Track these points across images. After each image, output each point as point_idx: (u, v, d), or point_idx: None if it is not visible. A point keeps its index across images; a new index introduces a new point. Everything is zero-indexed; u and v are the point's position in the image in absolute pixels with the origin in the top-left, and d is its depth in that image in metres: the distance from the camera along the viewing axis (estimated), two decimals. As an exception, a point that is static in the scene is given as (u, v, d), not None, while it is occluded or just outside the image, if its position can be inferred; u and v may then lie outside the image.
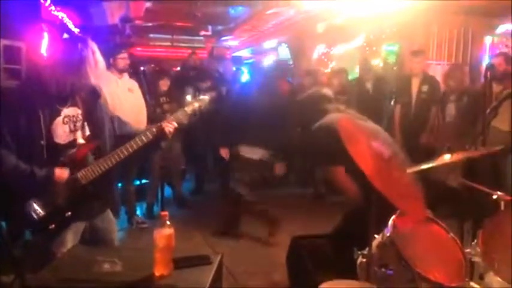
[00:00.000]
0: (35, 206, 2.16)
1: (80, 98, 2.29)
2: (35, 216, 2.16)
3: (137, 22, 9.50)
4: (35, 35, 3.88)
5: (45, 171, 2.15)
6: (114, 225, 2.55)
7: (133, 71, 5.04)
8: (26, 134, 2.13)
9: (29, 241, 2.39)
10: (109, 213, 2.50)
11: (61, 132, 2.22)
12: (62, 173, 2.19)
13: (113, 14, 8.12)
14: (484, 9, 6.17)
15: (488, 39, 6.91)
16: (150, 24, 10.53)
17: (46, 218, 2.18)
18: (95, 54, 2.21)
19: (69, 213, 2.22)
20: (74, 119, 2.27)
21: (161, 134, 2.41)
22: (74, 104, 2.28)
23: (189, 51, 7.80)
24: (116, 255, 2.07)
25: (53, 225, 2.19)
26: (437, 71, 6.71)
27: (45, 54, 2.38)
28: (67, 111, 2.25)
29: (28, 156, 2.14)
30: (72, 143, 2.27)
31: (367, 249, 2.00)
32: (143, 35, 11.37)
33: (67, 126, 2.25)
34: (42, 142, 2.14)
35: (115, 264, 2.01)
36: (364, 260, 2.02)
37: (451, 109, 5.14)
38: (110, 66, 4.68)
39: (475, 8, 6.20)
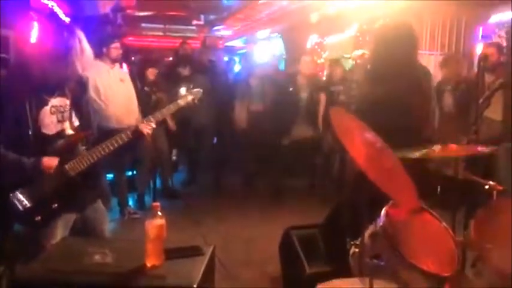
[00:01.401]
0: (21, 197, 2.13)
1: (68, 88, 2.26)
2: (20, 207, 2.13)
3: (129, 11, 9.39)
4: (23, 24, 3.81)
5: (33, 160, 2.12)
6: (104, 216, 2.53)
7: (125, 61, 5.00)
8: (13, 124, 2.10)
9: (19, 232, 2.37)
10: (99, 204, 2.48)
11: (48, 122, 2.19)
12: (50, 162, 2.16)
13: (104, 4, 8.01)
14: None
15: (480, 29, 6.90)
16: (142, 13, 10.43)
17: (32, 210, 2.15)
18: (81, 43, 2.17)
19: (56, 205, 2.20)
20: (62, 109, 2.24)
21: (139, 134, 2.41)
22: (62, 95, 2.25)
23: (181, 41, 7.72)
24: (107, 247, 2.06)
25: (39, 217, 2.16)
26: (431, 61, 6.70)
27: (32, 43, 2.32)
28: (54, 101, 2.22)
29: (15, 147, 2.11)
30: (61, 134, 2.24)
31: (359, 239, 1.99)
32: (135, 24, 11.25)
33: (54, 116, 2.21)
34: (29, 132, 2.11)
35: (106, 255, 1.99)
36: (357, 250, 2.02)
37: (447, 99, 5.13)
38: (102, 55, 4.65)
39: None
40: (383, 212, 1.99)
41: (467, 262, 2.22)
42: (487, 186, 2.34)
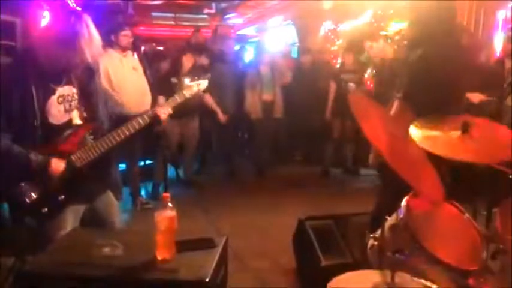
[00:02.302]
0: (27, 189, 2.08)
1: (75, 77, 2.19)
2: (26, 199, 2.08)
3: (139, 0, 9.32)
4: (31, 11, 3.76)
5: (40, 160, 2.07)
6: (115, 208, 2.47)
7: (135, 50, 4.94)
8: (19, 113, 2.03)
9: (29, 224, 2.33)
10: (109, 195, 2.42)
11: (55, 112, 2.12)
12: (57, 165, 2.11)
13: (115, -8, 7.95)
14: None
15: (501, 14, 6.69)
16: (152, 2, 10.34)
17: (38, 201, 2.10)
18: (89, 28, 2.08)
19: (63, 196, 2.14)
20: (69, 98, 2.17)
21: (156, 119, 2.34)
22: (69, 83, 2.18)
23: (193, 30, 7.64)
24: (116, 238, 2.00)
25: (46, 209, 2.11)
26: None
27: (40, 30, 2.26)
28: (62, 90, 2.15)
29: (22, 137, 2.05)
30: (68, 124, 2.17)
31: (378, 232, 1.90)
32: (146, 13, 11.17)
33: (62, 105, 2.15)
34: (35, 122, 2.05)
35: (116, 247, 1.93)
36: (376, 243, 1.93)
37: None
38: (112, 44, 4.59)
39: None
40: (403, 203, 1.90)
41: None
42: (511, 176, 2.22)
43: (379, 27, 7.03)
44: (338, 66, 6.89)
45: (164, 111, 2.38)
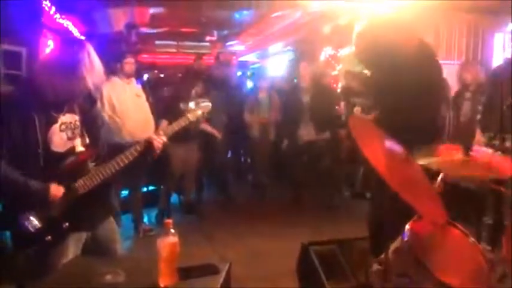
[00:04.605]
0: (31, 218, 2.08)
1: (77, 104, 2.21)
2: (30, 228, 2.07)
3: (142, 29, 9.47)
4: (36, 40, 3.84)
5: (40, 186, 2.06)
6: (116, 235, 2.46)
7: (137, 77, 5.01)
8: (22, 142, 2.04)
9: (31, 251, 2.31)
10: (111, 222, 2.41)
11: (58, 139, 2.14)
12: (57, 191, 2.10)
13: (118, 21, 8.10)
14: (493, 7, 6.04)
15: (498, 37, 6.77)
16: (155, 30, 10.49)
17: (43, 230, 2.09)
18: (90, 56, 2.12)
19: (67, 224, 2.14)
20: (72, 125, 2.19)
21: (150, 148, 2.34)
22: (71, 111, 2.20)
23: (194, 57, 7.74)
24: (119, 266, 1.99)
25: (50, 237, 2.10)
26: (448, 70, 6.57)
27: (44, 60, 2.29)
28: (64, 118, 2.17)
29: (24, 165, 2.05)
30: (71, 151, 2.18)
31: (383, 255, 1.88)
32: (149, 41, 11.33)
33: (64, 133, 2.16)
34: (38, 150, 2.06)
35: (118, 275, 1.92)
36: (380, 267, 1.91)
37: (466, 107, 4.98)
38: (116, 72, 4.66)
39: (485, 6, 6.08)
40: (408, 226, 1.89)
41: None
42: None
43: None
44: (341, 89, 6.93)
45: (159, 139, 2.38)
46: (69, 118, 2.19)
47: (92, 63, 2.11)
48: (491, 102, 3.91)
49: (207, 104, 2.71)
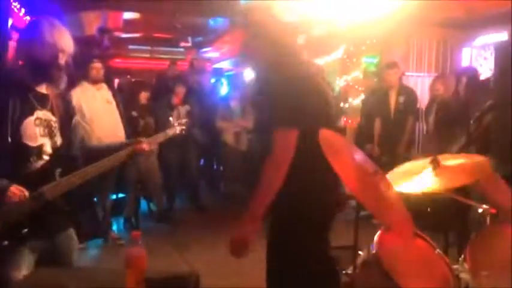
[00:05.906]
0: None
1: (55, 104, 2.17)
2: None
3: (115, 33, 9.36)
4: (4, 42, 3.76)
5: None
6: (75, 244, 2.37)
7: (107, 82, 4.93)
8: None
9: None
10: (71, 232, 2.33)
11: (31, 133, 2.07)
12: (17, 192, 1.98)
13: (91, 25, 7.98)
14: (462, 21, 6.24)
15: (466, 52, 6.99)
16: (128, 35, 10.39)
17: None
18: (52, 25, 2.12)
19: (26, 230, 2.05)
20: (45, 123, 2.13)
21: (132, 155, 2.31)
22: (49, 109, 2.15)
23: (168, 62, 7.71)
24: (84, 278, 1.92)
25: (6, 242, 2.01)
26: (418, 83, 6.74)
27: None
28: (40, 113, 2.11)
29: None
30: (39, 148, 2.11)
31: (350, 268, 1.90)
32: (122, 46, 11.21)
33: (38, 128, 2.10)
34: (8, 140, 1.99)
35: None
36: (348, 279, 1.92)
37: (432, 120, 5.12)
38: (85, 76, 4.59)
39: (454, 21, 6.27)
40: (375, 238, 1.91)
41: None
42: (480, 210, 2.27)
43: (351, 63, 7.22)
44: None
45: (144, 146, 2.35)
46: (45, 115, 2.14)
47: (55, 26, 2.11)
48: (456, 116, 4.02)
49: (186, 121, 2.80)
